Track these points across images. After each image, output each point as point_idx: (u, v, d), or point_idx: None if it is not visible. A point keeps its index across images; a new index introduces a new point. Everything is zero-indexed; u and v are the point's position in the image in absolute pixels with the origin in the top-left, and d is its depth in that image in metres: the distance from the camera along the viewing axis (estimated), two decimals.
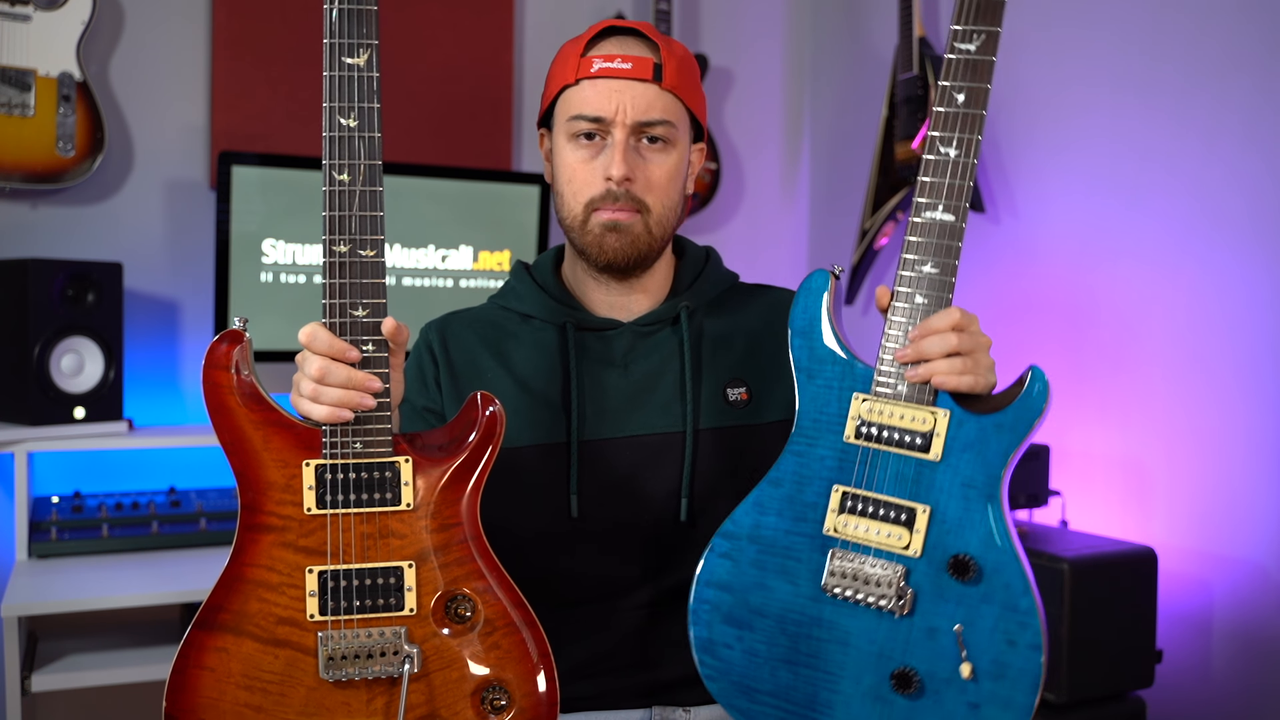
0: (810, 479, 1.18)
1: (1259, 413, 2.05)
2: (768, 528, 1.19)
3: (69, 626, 2.32)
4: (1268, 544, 2.04)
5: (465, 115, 2.91)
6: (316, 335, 1.09)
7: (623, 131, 1.27)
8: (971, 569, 1.09)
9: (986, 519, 1.10)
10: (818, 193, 3.29)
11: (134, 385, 2.56)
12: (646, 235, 1.30)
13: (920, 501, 1.13)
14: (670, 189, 1.31)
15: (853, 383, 1.18)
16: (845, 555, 1.15)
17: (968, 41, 1.17)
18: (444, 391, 1.35)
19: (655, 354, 1.35)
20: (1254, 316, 2.06)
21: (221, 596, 1.10)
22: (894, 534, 1.13)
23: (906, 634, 1.12)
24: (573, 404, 1.31)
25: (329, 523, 1.11)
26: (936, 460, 1.13)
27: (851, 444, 1.16)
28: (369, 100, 1.10)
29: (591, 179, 1.29)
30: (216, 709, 1.10)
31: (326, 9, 1.09)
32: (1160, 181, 2.22)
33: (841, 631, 1.15)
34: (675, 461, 1.32)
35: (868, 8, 3.05)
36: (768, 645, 1.18)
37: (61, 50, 2.39)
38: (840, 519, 1.16)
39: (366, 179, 1.10)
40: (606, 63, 1.28)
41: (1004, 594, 1.09)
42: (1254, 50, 2.06)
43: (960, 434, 1.12)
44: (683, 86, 1.31)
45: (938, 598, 1.11)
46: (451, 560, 1.12)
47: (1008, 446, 1.11)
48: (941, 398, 1.14)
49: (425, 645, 1.11)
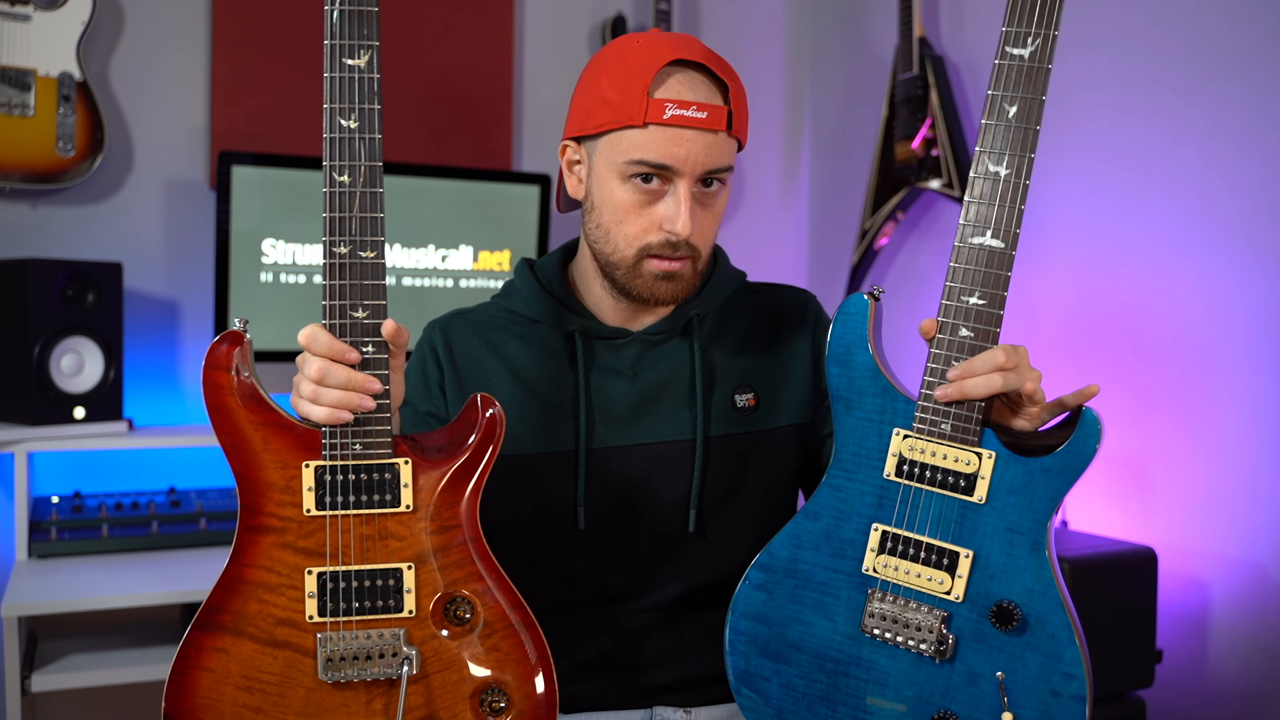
0: (849, 515, 1.15)
1: (1259, 413, 2.05)
2: (805, 562, 1.16)
3: (69, 626, 2.32)
4: (1268, 544, 2.04)
5: (465, 115, 2.91)
6: (316, 337, 1.09)
7: (688, 184, 1.21)
8: (1015, 618, 1.06)
9: (1031, 566, 1.06)
10: (818, 193, 3.29)
11: (134, 385, 2.56)
12: (694, 276, 1.28)
13: (963, 545, 1.09)
14: (716, 227, 1.29)
15: (893, 417, 1.13)
16: (885, 597, 1.12)
17: (1020, 46, 1.07)
18: (449, 396, 1.33)
19: (664, 362, 1.33)
20: (1254, 317, 2.06)
21: (221, 597, 1.10)
22: (935, 578, 1.10)
23: (947, 679, 1.10)
24: (580, 413, 1.29)
25: (328, 524, 1.10)
26: (980, 503, 1.09)
27: (892, 481, 1.12)
28: (370, 101, 1.09)
29: (649, 226, 1.23)
30: (215, 710, 1.09)
31: (327, 10, 1.09)
32: (1160, 183, 2.22)
33: (880, 672, 1.12)
34: (684, 470, 1.30)
35: (868, 8, 3.05)
36: (805, 681, 1.15)
37: (61, 50, 2.39)
38: (880, 559, 1.12)
39: (367, 180, 1.09)
40: (680, 110, 1.19)
41: (1048, 644, 1.05)
42: (1254, 52, 2.06)
43: (1006, 477, 1.08)
44: (743, 126, 1.26)
45: (979, 644, 1.08)
46: (451, 562, 1.12)
47: (1055, 492, 1.06)
48: (987, 437, 1.09)
49: (424, 647, 1.11)
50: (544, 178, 2.75)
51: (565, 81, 3.03)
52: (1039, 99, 1.07)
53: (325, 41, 1.09)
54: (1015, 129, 1.07)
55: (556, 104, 3.03)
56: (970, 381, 1.09)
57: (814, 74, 3.30)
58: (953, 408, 1.10)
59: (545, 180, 2.75)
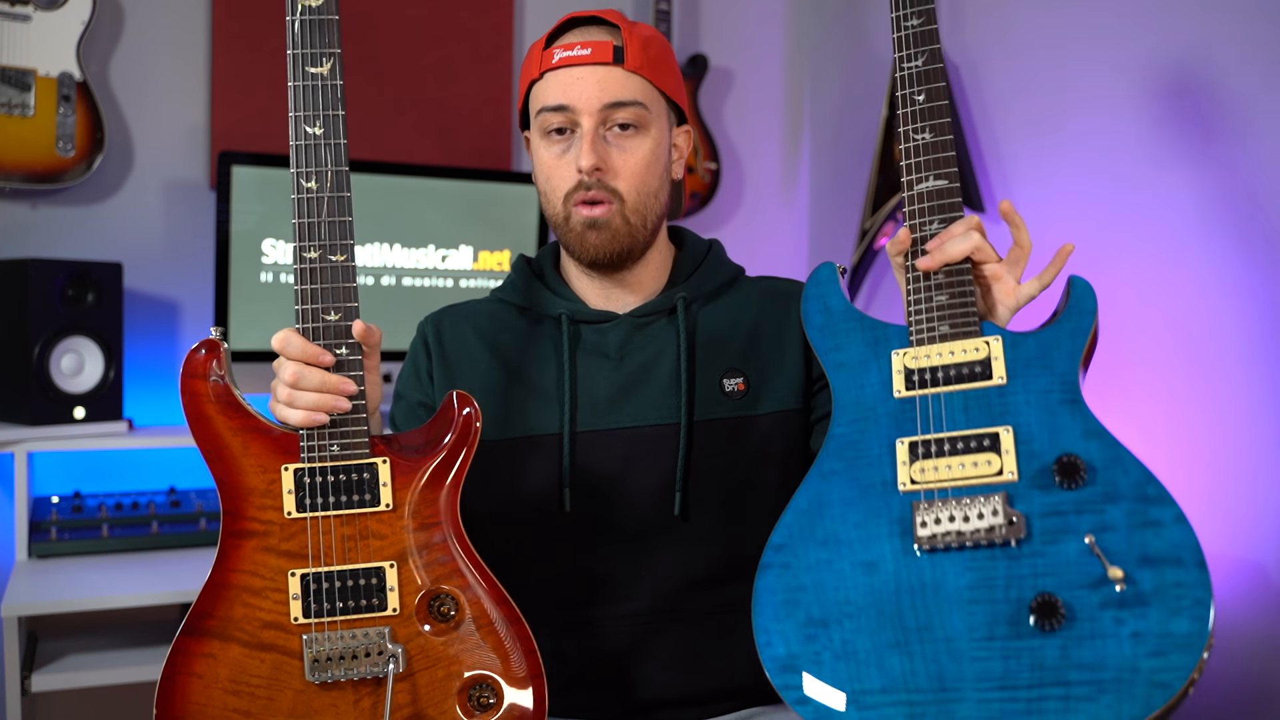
0: (866, 448, 1.08)
1: (1259, 413, 2.05)
2: (830, 516, 1.08)
3: (69, 626, 2.32)
4: (1268, 544, 2.04)
5: (465, 115, 2.91)
6: (289, 341, 1.11)
7: (590, 120, 1.26)
8: (1081, 468, 0.99)
9: (1076, 420, 1.01)
10: (818, 193, 3.29)
11: (134, 385, 2.56)
12: (625, 226, 1.28)
13: (999, 425, 1.03)
14: (646, 175, 1.29)
15: (887, 344, 1.10)
16: (932, 505, 1.03)
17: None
18: (436, 383, 1.35)
19: (651, 345, 1.33)
20: (1254, 317, 2.06)
21: (207, 603, 1.11)
22: (981, 461, 1.02)
23: (1031, 564, 0.99)
24: (565, 395, 1.30)
25: (309, 525, 1.11)
26: (1003, 383, 1.04)
27: (905, 397, 1.07)
28: (334, 108, 1.11)
29: (565, 173, 1.28)
30: (206, 714, 1.10)
31: (289, 21, 1.11)
32: (1160, 182, 2.22)
33: (953, 588, 1.00)
34: (669, 454, 1.30)
35: (868, 8, 3.05)
36: (867, 635, 1.02)
37: (61, 50, 2.39)
38: (915, 468, 1.05)
39: (334, 185, 1.11)
40: (566, 52, 1.27)
41: (1124, 481, 0.98)
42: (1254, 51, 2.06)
43: (1019, 353, 1.05)
44: (649, 66, 1.28)
45: (1053, 514, 0.99)
46: (433, 559, 1.13)
47: (1073, 350, 1.03)
48: (986, 326, 1.07)
49: (410, 645, 1.12)
50: None
51: None
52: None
53: (288, 51, 1.11)
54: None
55: None
56: (950, 243, 1.10)
57: (814, 74, 3.30)
58: (946, 309, 1.08)
59: None
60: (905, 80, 1.14)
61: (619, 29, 1.29)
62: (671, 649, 1.29)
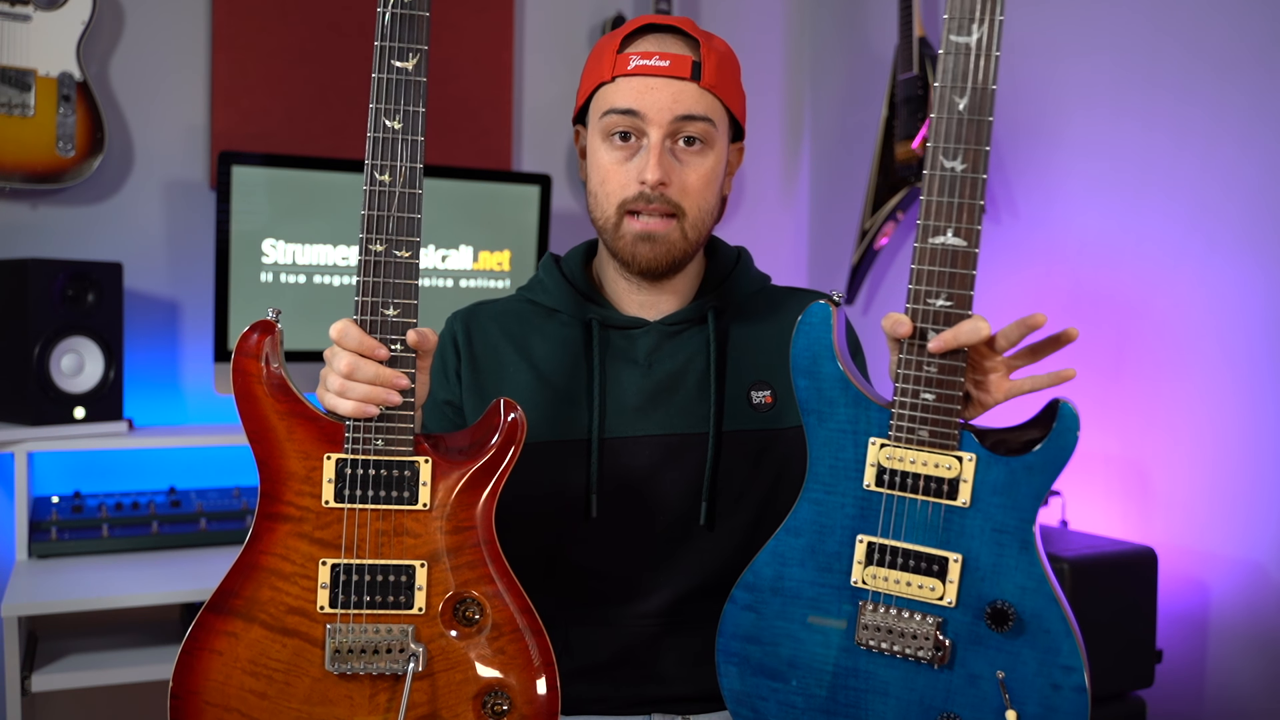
0: (831, 528, 1.14)
1: (1258, 413, 2.05)
2: (791, 579, 1.15)
3: (69, 626, 2.32)
4: (1268, 544, 2.04)
5: (465, 115, 2.91)
6: (347, 331, 1.10)
7: (658, 132, 1.25)
8: (1010, 617, 1.06)
9: (1022, 565, 1.06)
10: (818, 193, 3.29)
11: (134, 385, 2.56)
12: (682, 241, 1.28)
13: (951, 550, 1.09)
14: (707, 192, 1.29)
15: (868, 426, 1.12)
16: (877, 608, 1.11)
17: (964, 34, 1.08)
18: (464, 383, 1.35)
19: (680, 353, 1.33)
20: (1253, 317, 2.06)
21: (235, 581, 1.11)
22: (926, 584, 1.09)
23: (947, 683, 1.10)
24: (594, 401, 1.30)
25: (345, 516, 1.11)
26: (965, 506, 1.08)
27: (873, 491, 1.11)
28: (415, 104, 1.10)
29: (626, 181, 1.27)
30: (222, 692, 1.10)
31: (380, 12, 1.10)
32: (1160, 182, 2.22)
33: (880, 682, 1.12)
34: (696, 463, 1.30)
35: (868, 8, 3.05)
36: (804, 697, 1.15)
37: (61, 50, 2.39)
38: (868, 571, 1.12)
39: (407, 181, 1.11)
40: (644, 60, 1.25)
41: (1045, 639, 1.06)
42: (1254, 52, 2.06)
43: (989, 478, 1.07)
44: (722, 85, 1.28)
45: (976, 645, 1.08)
46: (463, 563, 1.13)
47: (1039, 489, 1.06)
48: (965, 439, 1.08)
49: (431, 645, 1.12)
50: (544, 178, 2.75)
51: (565, 81, 3.03)
52: (989, 89, 1.05)
53: (375, 43, 1.10)
54: (968, 122, 1.05)
55: (556, 104, 3.03)
56: (963, 325, 1.06)
57: (814, 74, 3.30)
58: (930, 411, 1.08)
59: (545, 180, 2.75)
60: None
61: (697, 43, 1.28)
62: (682, 647, 1.31)
